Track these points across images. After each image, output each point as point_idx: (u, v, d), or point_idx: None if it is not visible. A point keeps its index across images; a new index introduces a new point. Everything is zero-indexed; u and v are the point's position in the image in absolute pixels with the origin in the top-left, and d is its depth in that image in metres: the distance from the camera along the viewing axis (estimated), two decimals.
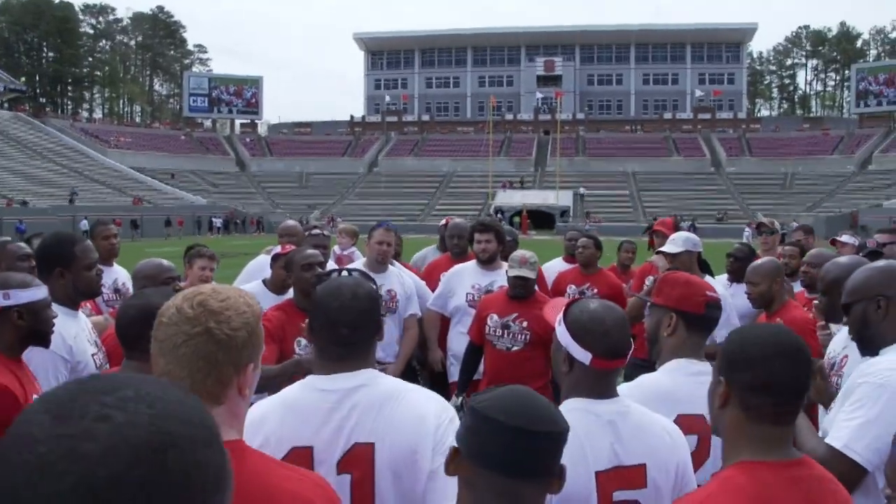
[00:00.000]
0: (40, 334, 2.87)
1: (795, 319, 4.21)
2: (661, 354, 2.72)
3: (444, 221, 7.25)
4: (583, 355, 2.14)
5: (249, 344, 1.59)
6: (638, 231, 51.42)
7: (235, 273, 6.44)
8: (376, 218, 55.74)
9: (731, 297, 5.71)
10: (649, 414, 2.24)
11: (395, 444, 2.06)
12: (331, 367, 2.17)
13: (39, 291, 2.86)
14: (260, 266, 6.02)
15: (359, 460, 2.07)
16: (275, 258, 5.07)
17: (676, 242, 5.33)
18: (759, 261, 4.93)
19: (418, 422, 2.10)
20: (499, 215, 56.34)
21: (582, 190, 69.25)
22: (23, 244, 4.27)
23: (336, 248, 7.62)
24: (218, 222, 58.26)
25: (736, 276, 5.93)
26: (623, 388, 2.50)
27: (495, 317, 4.84)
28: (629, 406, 2.21)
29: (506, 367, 4.72)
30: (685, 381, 2.55)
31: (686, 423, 2.39)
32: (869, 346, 2.54)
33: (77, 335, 3.33)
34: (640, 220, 56.18)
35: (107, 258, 5.23)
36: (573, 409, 2.07)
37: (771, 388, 1.74)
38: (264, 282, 5.15)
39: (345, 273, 2.44)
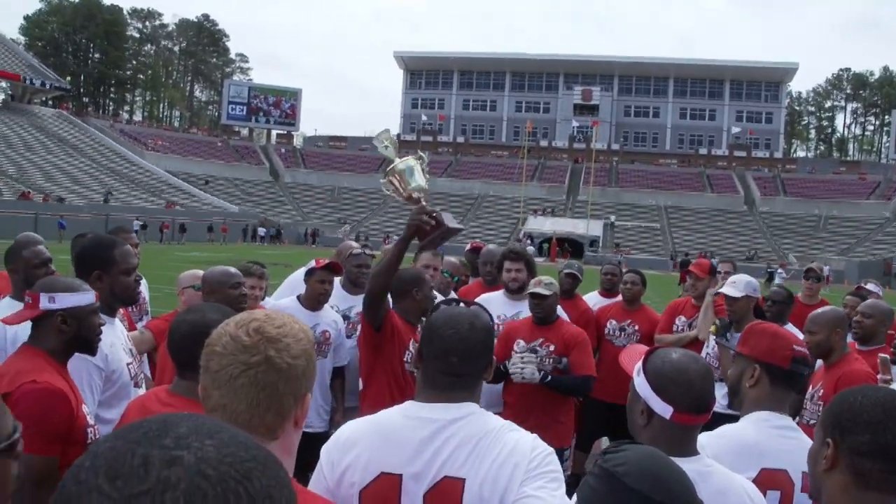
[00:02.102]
0: (86, 341, 2.79)
1: (855, 373, 4.01)
2: (743, 405, 2.64)
3: (469, 246, 7.17)
4: (663, 408, 2.04)
5: (308, 372, 1.51)
6: (667, 265, 51.25)
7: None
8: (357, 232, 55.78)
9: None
10: (730, 475, 2.11)
11: (485, 482, 1.96)
12: (435, 396, 2.11)
13: (86, 297, 2.78)
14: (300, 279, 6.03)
15: (446, 494, 1.98)
16: (310, 272, 5.06)
17: (738, 286, 5.25)
18: (820, 309, 4.71)
19: (512, 461, 1.98)
20: (528, 241, 56.31)
21: (612, 218, 69.08)
22: (42, 248, 4.05)
23: None
24: (262, 231, 58.91)
25: (774, 321, 5.73)
26: (705, 436, 2.37)
27: (522, 342, 4.84)
28: (711, 466, 2.08)
29: (531, 393, 4.70)
30: (770, 434, 2.47)
31: (770, 477, 2.35)
32: None
33: (113, 343, 3.23)
34: (670, 253, 55.86)
35: None
36: None
37: (887, 454, 1.64)
38: (299, 297, 5.14)
39: (461, 303, 2.34)
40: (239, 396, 1.42)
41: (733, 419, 2.65)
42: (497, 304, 5.49)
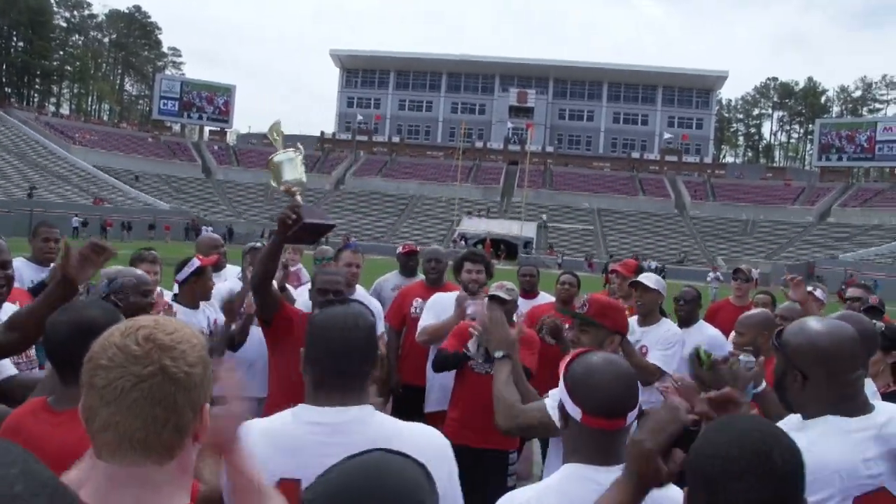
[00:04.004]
0: None
1: None
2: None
3: (402, 248, 7.08)
4: (573, 410, 1.99)
5: (206, 380, 1.36)
6: (600, 266, 51.93)
7: None
8: (339, 236, 55.61)
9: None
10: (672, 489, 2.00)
11: None
12: (326, 399, 2.10)
13: None
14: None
15: None
16: (198, 272, 4.96)
17: (651, 280, 5.40)
18: (751, 311, 4.82)
19: (431, 458, 1.96)
20: (462, 242, 56.44)
21: (544, 217, 69.76)
22: None
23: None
24: (207, 230, 57.48)
25: (684, 321, 5.88)
26: None
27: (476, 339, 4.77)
28: (668, 489, 1.95)
29: (481, 392, 4.57)
30: None
31: None
32: None
33: None
34: (603, 256, 56.63)
35: (42, 260, 5.56)
36: (571, 477, 1.96)
37: None
38: (175, 297, 5.03)
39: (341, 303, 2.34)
40: (132, 412, 1.26)
41: None
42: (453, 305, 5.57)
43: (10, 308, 3.48)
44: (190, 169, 79.96)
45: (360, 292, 5.76)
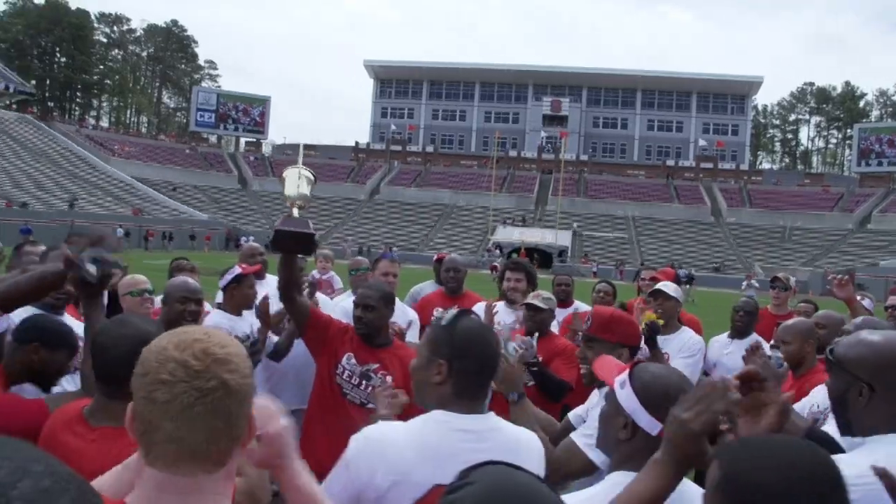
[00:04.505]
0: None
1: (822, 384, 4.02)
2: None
3: (436, 256, 7.09)
4: (651, 424, 1.98)
5: (253, 389, 1.40)
6: (629, 274, 51.61)
7: None
8: (374, 245, 55.88)
9: (727, 354, 5.73)
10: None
11: None
12: (468, 407, 2.23)
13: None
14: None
15: None
16: (238, 279, 5.02)
17: (670, 288, 5.40)
18: (791, 319, 4.71)
19: (536, 461, 2.22)
20: (497, 251, 56.42)
21: (574, 225, 69.50)
22: None
23: (315, 273, 7.58)
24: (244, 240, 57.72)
25: (741, 332, 5.78)
26: None
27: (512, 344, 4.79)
28: (684, 484, 1.93)
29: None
30: None
31: None
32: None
33: None
34: (636, 264, 56.30)
35: None
36: (618, 485, 1.94)
37: None
38: (220, 305, 5.10)
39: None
40: (196, 426, 1.29)
41: None
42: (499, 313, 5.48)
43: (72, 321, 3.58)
44: (226, 180, 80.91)
45: (396, 302, 5.70)
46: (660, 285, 5.46)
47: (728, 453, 1.47)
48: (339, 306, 5.51)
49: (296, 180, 3.92)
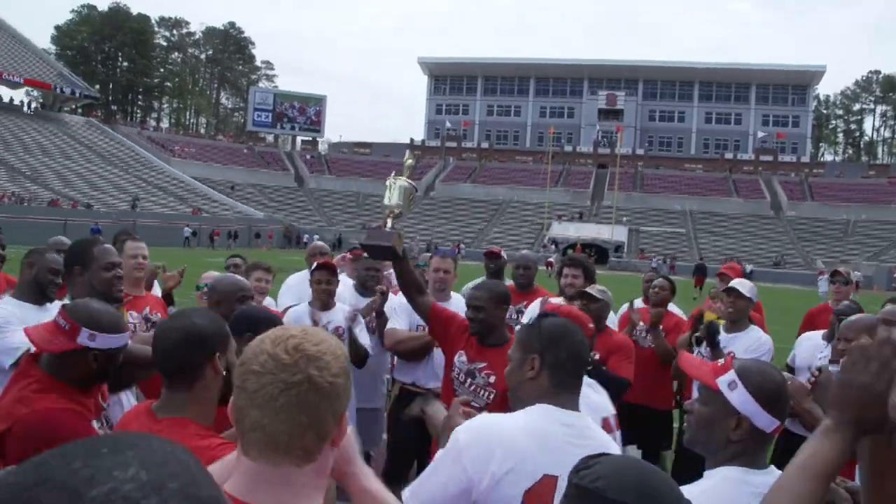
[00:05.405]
0: (105, 375, 2.72)
1: None
2: None
3: (487, 251, 7.08)
4: (768, 423, 2.04)
5: (347, 390, 1.45)
6: (680, 270, 51.05)
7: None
8: (439, 241, 56.01)
9: (823, 359, 5.56)
10: None
11: None
12: (567, 402, 2.29)
13: (123, 338, 2.70)
14: (299, 279, 6.28)
15: None
16: (311, 274, 5.38)
17: (745, 287, 5.35)
18: (855, 316, 4.58)
19: None
20: (553, 246, 56.19)
21: (624, 219, 68.77)
22: (57, 257, 4.02)
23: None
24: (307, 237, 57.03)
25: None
26: None
27: None
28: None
29: None
30: None
31: None
32: None
33: None
34: (693, 259, 55.54)
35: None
36: (731, 480, 2.03)
37: None
38: (309, 302, 5.39)
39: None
40: (279, 417, 1.35)
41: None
42: None
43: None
44: (283, 178, 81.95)
45: (455, 298, 5.61)
46: (734, 283, 5.42)
47: None
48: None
49: (395, 190, 4.15)
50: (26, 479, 0.66)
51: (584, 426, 2.28)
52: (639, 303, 7.00)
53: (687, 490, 2.01)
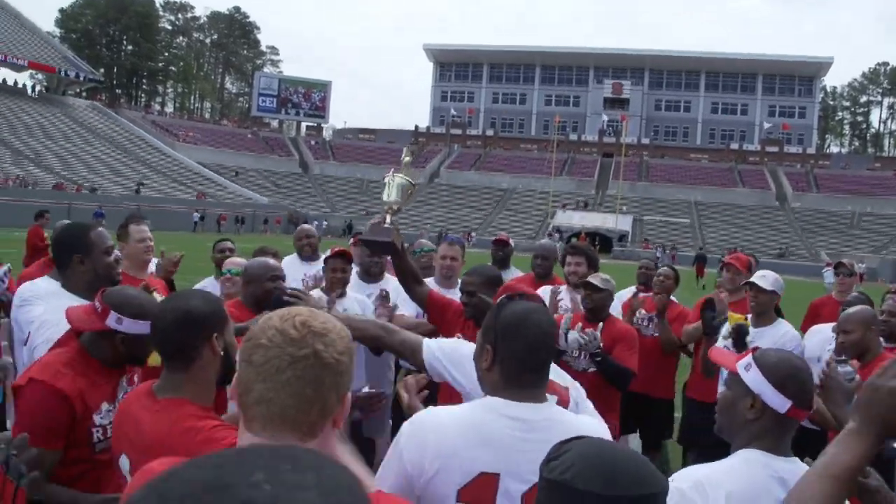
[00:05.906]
0: (137, 360, 2.84)
1: None
2: None
3: (495, 238, 7.10)
4: (781, 403, 2.05)
5: (351, 370, 1.46)
6: (681, 259, 50.96)
7: None
8: (451, 229, 55.99)
9: (831, 350, 5.49)
10: None
11: None
12: (518, 394, 2.09)
13: (148, 325, 2.63)
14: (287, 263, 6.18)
15: None
16: (325, 262, 5.39)
17: (768, 280, 5.23)
18: (853, 307, 4.50)
19: None
20: (557, 235, 56.09)
21: (624, 208, 68.54)
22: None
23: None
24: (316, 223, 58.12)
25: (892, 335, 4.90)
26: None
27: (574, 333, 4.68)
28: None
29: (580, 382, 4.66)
30: None
31: None
32: None
33: None
34: (697, 249, 55.43)
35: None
36: (752, 461, 2.04)
37: None
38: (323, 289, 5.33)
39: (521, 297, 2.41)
40: (286, 390, 1.36)
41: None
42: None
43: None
44: (287, 164, 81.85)
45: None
46: (754, 278, 5.30)
47: None
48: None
49: (394, 187, 4.16)
50: (204, 478, 0.66)
51: (544, 418, 2.06)
52: (632, 290, 6.99)
53: (708, 468, 2.05)
